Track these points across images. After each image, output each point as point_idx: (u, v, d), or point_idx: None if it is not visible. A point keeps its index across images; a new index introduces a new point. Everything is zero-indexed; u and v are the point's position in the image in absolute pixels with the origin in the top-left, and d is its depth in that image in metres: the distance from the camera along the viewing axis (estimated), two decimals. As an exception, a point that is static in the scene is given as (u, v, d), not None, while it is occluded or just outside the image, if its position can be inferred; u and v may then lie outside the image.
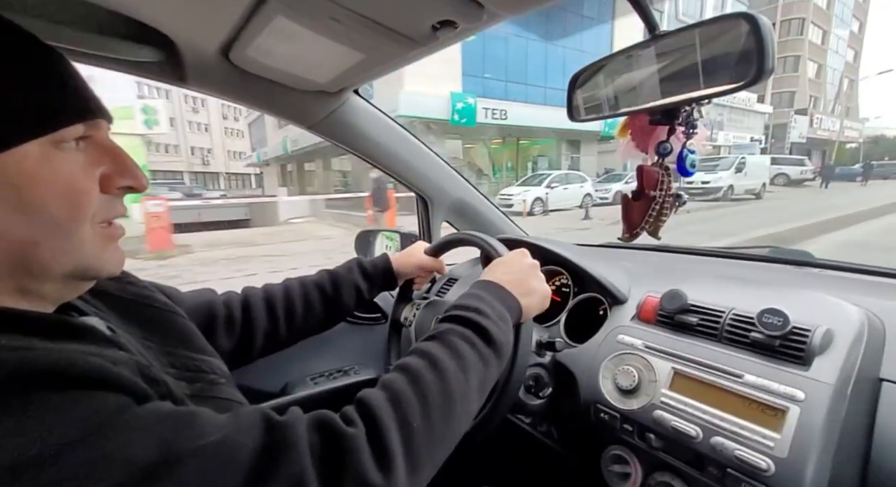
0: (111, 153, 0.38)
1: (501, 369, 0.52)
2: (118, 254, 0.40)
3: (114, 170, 0.37)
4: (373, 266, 0.80)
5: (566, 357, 0.76)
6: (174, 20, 0.58)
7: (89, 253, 0.36)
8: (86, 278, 0.38)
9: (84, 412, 0.26)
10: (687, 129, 0.48)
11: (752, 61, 0.37)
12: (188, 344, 0.48)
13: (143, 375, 0.34)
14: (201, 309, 0.62)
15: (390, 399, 0.40)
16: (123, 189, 0.38)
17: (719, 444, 0.54)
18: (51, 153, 0.33)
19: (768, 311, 0.58)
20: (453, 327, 0.49)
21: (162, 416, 0.30)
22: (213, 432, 0.31)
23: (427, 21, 0.51)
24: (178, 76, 0.70)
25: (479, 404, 0.47)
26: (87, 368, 0.28)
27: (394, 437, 0.37)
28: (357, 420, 0.37)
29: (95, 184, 0.36)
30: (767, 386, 0.54)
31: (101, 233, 0.37)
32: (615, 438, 0.68)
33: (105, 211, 0.37)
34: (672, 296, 0.70)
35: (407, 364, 0.44)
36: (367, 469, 0.34)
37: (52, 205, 0.33)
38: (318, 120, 0.85)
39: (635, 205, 0.53)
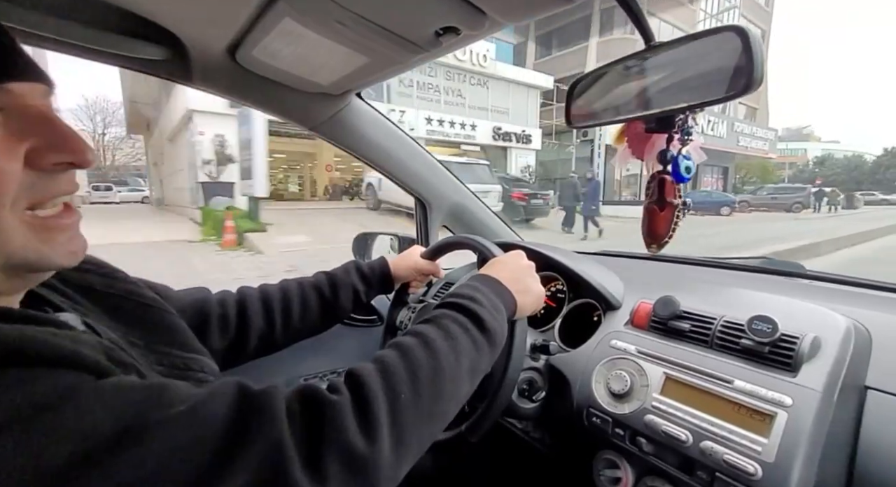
0: (42, 124, 0.32)
1: (494, 358, 0.52)
2: (70, 243, 0.35)
3: (44, 144, 0.32)
4: (370, 269, 0.80)
5: (560, 361, 0.77)
6: (183, 20, 0.59)
7: (19, 246, 0.31)
8: (32, 270, 0.34)
9: (41, 387, 0.26)
10: (682, 136, 0.49)
11: (742, 72, 0.39)
12: (176, 342, 0.46)
13: (110, 358, 0.32)
14: (193, 308, 0.61)
15: (380, 370, 0.39)
16: (60, 165, 0.33)
17: (709, 448, 0.55)
18: None
19: (758, 318, 0.59)
20: (447, 312, 0.49)
21: (124, 388, 0.29)
22: (183, 401, 0.30)
23: (431, 27, 0.53)
24: (185, 75, 0.71)
25: (469, 389, 0.47)
26: (45, 346, 0.27)
27: (381, 407, 0.36)
28: (343, 388, 0.37)
29: (17, 162, 0.30)
30: (756, 392, 0.55)
31: (31, 221, 0.32)
32: (607, 442, 0.68)
33: (35, 192, 0.32)
34: (665, 303, 0.71)
35: (399, 341, 0.44)
36: (351, 435, 0.33)
37: None
38: (321, 121, 0.86)
39: (661, 215, 0.54)
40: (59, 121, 0.33)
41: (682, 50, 0.44)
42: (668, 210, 0.53)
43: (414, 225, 1.20)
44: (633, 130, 0.56)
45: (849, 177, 38.83)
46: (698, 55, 0.43)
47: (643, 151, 0.55)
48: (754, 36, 0.38)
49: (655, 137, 0.53)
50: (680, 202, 0.52)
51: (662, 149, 0.51)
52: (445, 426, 0.44)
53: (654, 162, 0.54)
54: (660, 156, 0.52)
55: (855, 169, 39.91)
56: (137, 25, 0.60)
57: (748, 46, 0.37)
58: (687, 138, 0.49)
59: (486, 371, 0.51)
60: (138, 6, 0.57)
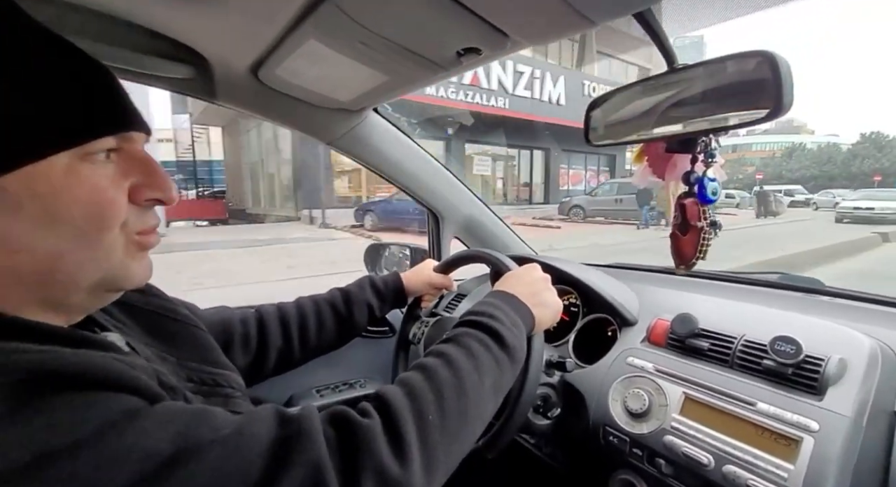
0: (142, 165, 0.37)
1: (515, 375, 0.52)
2: (145, 265, 0.39)
3: (143, 182, 0.37)
4: (384, 283, 0.81)
5: (575, 377, 0.76)
6: (210, 40, 0.61)
7: (116, 265, 0.36)
8: (112, 290, 0.38)
9: (102, 410, 0.27)
10: (706, 158, 0.49)
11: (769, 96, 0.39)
12: (207, 358, 0.48)
13: (160, 382, 0.35)
14: (219, 327, 0.62)
15: (406, 393, 0.40)
16: (152, 201, 0.38)
17: (731, 473, 0.54)
18: (78, 165, 0.33)
19: (781, 339, 0.58)
20: (468, 330, 0.50)
21: (177, 412, 0.31)
22: (228, 426, 0.32)
23: (453, 48, 0.54)
24: (209, 92, 0.73)
25: (493, 407, 0.47)
26: (106, 371, 0.29)
27: (410, 429, 0.37)
28: (373, 412, 0.38)
29: (124, 195, 0.36)
30: (781, 415, 0.54)
31: (129, 244, 0.37)
32: (624, 462, 0.67)
33: (136, 223, 0.37)
34: (683, 320, 0.70)
35: (423, 363, 0.45)
36: (384, 458, 0.34)
37: (78, 216, 0.33)
38: (338, 136, 0.87)
39: (685, 239, 0.54)
40: (155, 163, 0.39)
41: (707, 73, 0.44)
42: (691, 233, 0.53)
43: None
44: (654, 150, 0.56)
45: (820, 172, 33.38)
46: (723, 78, 0.43)
47: (664, 171, 0.55)
48: (783, 61, 0.38)
49: (677, 157, 0.53)
50: (706, 223, 0.52)
51: (687, 172, 0.51)
52: (473, 443, 0.44)
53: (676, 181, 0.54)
54: (685, 179, 0.52)
55: (828, 161, 34.31)
56: (166, 46, 0.62)
57: (776, 70, 0.38)
58: (711, 161, 0.49)
59: (509, 387, 0.51)
60: (168, 28, 0.59)
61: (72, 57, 0.34)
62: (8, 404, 0.25)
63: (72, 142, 0.32)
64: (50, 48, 0.33)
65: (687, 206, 0.53)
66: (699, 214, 0.52)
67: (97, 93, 0.35)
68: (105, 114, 0.35)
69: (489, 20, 0.48)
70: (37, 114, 0.31)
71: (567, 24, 0.45)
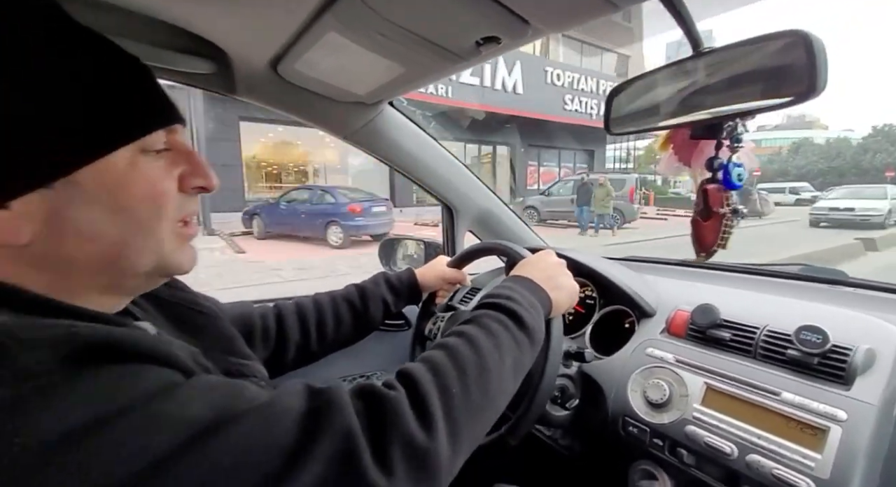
0: (187, 155, 0.40)
1: (535, 356, 0.52)
2: (191, 252, 0.42)
3: (189, 171, 0.40)
4: (399, 279, 0.82)
5: (593, 368, 0.76)
6: (231, 35, 0.61)
7: (168, 251, 0.38)
8: (163, 274, 0.41)
9: (147, 381, 0.29)
10: (732, 143, 0.49)
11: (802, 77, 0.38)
12: (231, 349, 0.50)
13: (197, 362, 0.37)
14: (239, 320, 0.63)
15: (430, 368, 0.41)
16: (197, 189, 0.41)
17: (755, 462, 0.53)
18: (138, 158, 0.35)
19: (806, 329, 0.57)
20: (487, 311, 0.50)
21: (213, 384, 0.33)
22: (262, 398, 0.33)
23: (472, 37, 0.54)
24: (228, 87, 0.74)
25: (514, 386, 0.48)
26: (149, 345, 0.31)
27: (434, 401, 0.38)
28: (398, 385, 0.39)
29: (174, 184, 0.38)
30: (807, 405, 0.53)
31: (178, 232, 0.39)
32: (644, 452, 0.67)
33: (181, 209, 0.39)
34: (704, 311, 0.70)
35: (444, 342, 0.46)
36: (412, 427, 0.35)
37: (140, 206, 0.35)
38: (354, 130, 0.88)
39: (706, 225, 0.53)
40: (197, 154, 0.41)
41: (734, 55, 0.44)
42: (713, 220, 0.52)
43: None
44: (680, 137, 0.55)
45: (828, 167, 30.86)
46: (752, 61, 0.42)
47: (690, 158, 0.54)
48: (817, 40, 0.37)
49: (703, 144, 0.52)
50: (728, 210, 0.51)
51: (711, 157, 0.50)
52: (495, 419, 0.45)
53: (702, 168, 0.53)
54: (707, 164, 0.51)
55: (837, 156, 31.73)
56: (187, 41, 0.63)
57: (811, 51, 0.37)
58: (737, 145, 0.48)
59: (528, 367, 0.51)
60: (189, 23, 0.59)
61: (122, 57, 0.36)
62: (66, 371, 0.27)
63: (135, 136, 0.35)
64: (106, 50, 0.35)
65: (710, 192, 0.52)
66: (722, 201, 0.51)
67: (148, 90, 0.37)
68: (157, 109, 0.38)
69: (509, 7, 0.47)
70: (105, 112, 0.33)
71: (589, 8, 0.45)
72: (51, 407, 0.25)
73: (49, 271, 0.33)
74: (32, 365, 0.26)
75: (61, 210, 0.32)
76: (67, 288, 0.34)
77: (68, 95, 0.32)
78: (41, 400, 0.25)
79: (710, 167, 0.50)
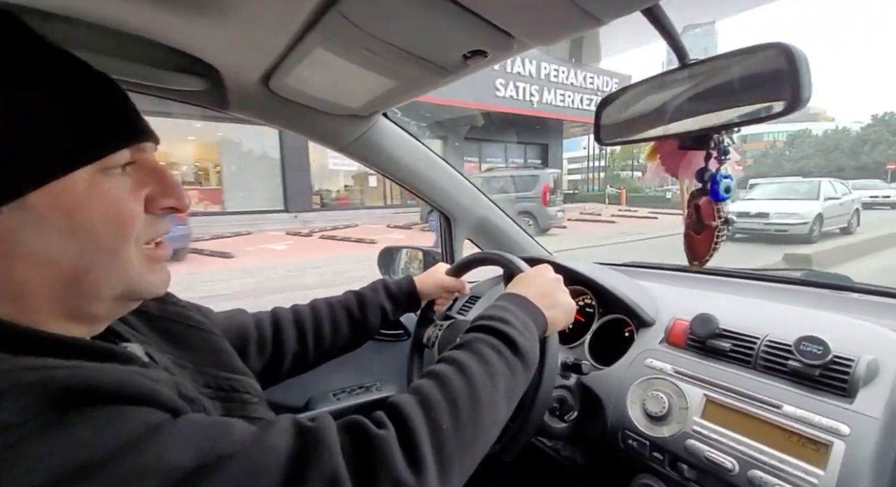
0: (156, 174, 0.38)
1: (529, 380, 0.51)
2: (163, 275, 0.40)
3: (158, 192, 0.38)
4: (397, 287, 0.81)
5: (592, 379, 0.75)
6: (222, 52, 0.62)
7: (136, 274, 0.36)
8: (133, 299, 0.39)
9: (129, 424, 0.28)
10: (719, 155, 0.48)
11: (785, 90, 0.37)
12: (223, 364, 0.49)
13: (181, 394, 0.35)
14: (234, 330, 0.63)
15: (420, 402, 0.40)
16: (167, 209, 0.39)
17: (758, 478, 0.52)
18: (99, 179, 0.33)
19: (806, 339, 0.56)
20: (479, 336, 0.49)
21: (199, 426, 0.31)
22: (248, 438, 0.32)
23: (458, 51, 0.54)
24: (221, 103, 0.74)
25: (507, 413, 0.47)
26: (131, 386, 0.30)
27: (424, 439, 0.37)
28: (387, 422, 0.38)
29: (140, 205, 0.36)
30: (808, 419, 0.52)
31: (146, 254, 0.38)
32: (644, 466, 0.66)
33: (150, 231, 0.38)
34: (703, 320, 0.69)
35: (435, 370, 0.45)
36: (399, 469, 0.34)
37: (101, 229, 0.33)
38: (349, 142, 0.88)
39: (699, 238, 0.54)
40: (168, 173, 0.39)
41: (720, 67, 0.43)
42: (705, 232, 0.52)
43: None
44: (667, 147, 0.54)
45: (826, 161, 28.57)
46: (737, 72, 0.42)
47: (677, 168, 0.54)
48: (799, 53, 0.36)
49: (691, 154, 0.52)
50: (720, 222, 0.51)
51: (701, 168, 0.50)
52: (487, 450, 0.44)
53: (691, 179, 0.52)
54: (698, 176, 0.50)
55: (834, 149, 29.29)
56: (179, 60, 0.63)
57: (793, 63, 0.36)
58: (724, 157, 0.48)
59: (522, 392, 0.51)
60: (180, 42, 0.60)
61: (84, 73, 0.35)
62: (45, 417, 0.26)
63: (94, 157, 0.33)
64: (64, 66, 0.34)
65: (702, 206, 0.52)
66: (713, 213, 0.51)
67: (111, 106, 0.36)
68: (121, 126, 0.36)
69: (494, 22, 0.47)
70: (59, 132, 0.32)
71: (573, 23, 0.44)
72: (32, 458, 0.24)
73: (6, 298, 0.32)
74: (9, 416, 0.25)
75: (10, 234, 0.30)
76: (31, 315, 0.32)
77: (14, 113, 0.30)
78: (18, 452, 0.24)
79: (700, 178, 0.50)
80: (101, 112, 0.35)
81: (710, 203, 0.50)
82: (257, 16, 0.51)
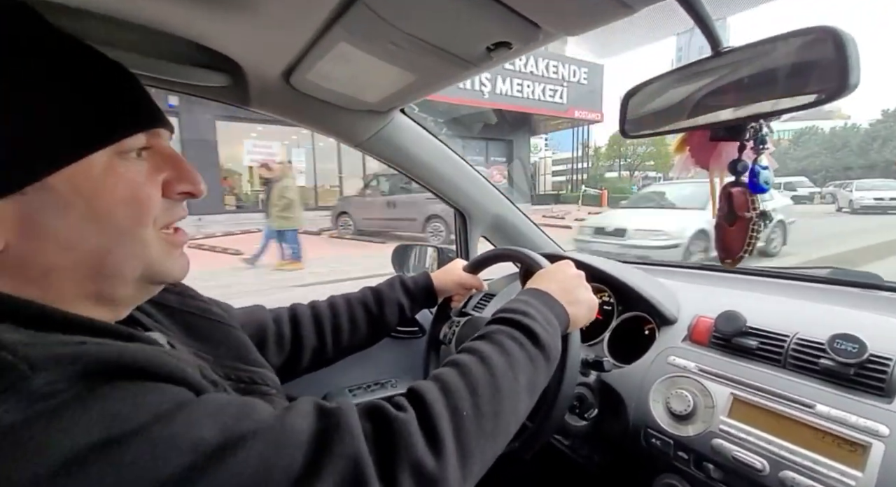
0: (171, 160, 0.39)
1: (550, 374, 0.51)
2: (182, 260, 0.41)
3: (174, 177, 0.38)
4: (414, 283, 0.81)
5: (612, 377, 0.74)
6: (246, 48, 0.62)
7: (155, 257, 0.37)
8: (154, 282, 0.39)
9: (159, 399, 0.29)
10: (757, 145, 0.47)
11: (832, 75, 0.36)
12: (242, 357, 0.49)
13: (204, 376, 0.36)
14: (253, 325, 0.63)
15: (441, 388, 0.40)
16: (183, 194, 0.40)
17: (790, 479, 0.50)
18: (116, 162, 0.34)
19: (841, 337, 0.54)
20: (501, 327, 0.49)
21: (222, 404, 0.32)
22: (270, 418, 0.32)
23: (483, 43, 0.53)
24: (243, 99, 0.75)
25: (528, 405, 0.46)
26: (160, 363, 0.31)
27: (445, 424, 0.37)
28: (408, 406, 0.38)
29: (158, 190, 0.37)
30: (844, 419, 0.50)
31: (165, 238, 0.38)
32: (668, 466, 0.65)
33: (167, 215, 0.39)
34: (729, 318, 0.67)
35: (456, 359, 0.44)
36: (420, 451, 0.34)
37: (120, 212, 0.34)
38: (366, 138, 0.88)
39: (731, 230, 0.51)
40: (183, 159, 0.40)
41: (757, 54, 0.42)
42: (739, 224, 0.50)
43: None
44: (697, 139, 0.53)
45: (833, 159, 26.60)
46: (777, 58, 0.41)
47: (708, 160, 0.52)
48: (847, 36, 0.35)
49: (722, 146, 0.50)
50: (755, 214, 0.49)
51: (734, 160, 0.48)
52: (507, 442, 0.43)
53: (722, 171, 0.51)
54: (731, 167, 0.49)
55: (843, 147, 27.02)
56: (203, 56, 0.64)
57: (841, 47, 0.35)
58: (762, 147, 0.46)
59: (544, 386, 0.50)
60: (205, 38, 0.60)
61: (98, 61, 0.36)
62: (76, 390, 0.26)
63: (109, 139, 0.34)
64: (79, 54, 0.35)
65: (734, 195, 0.50)
66: (748, 204, 0.49)
67: (126, 92, 0.37)
68: (136, 111, 0.37)
69: (520, 12, 0.47)
70: (75, 115, 0.33)
71: (603, 11, 0.44)
72: (63, 429, 0.25)
73: (33, 282, 0.32)
74: (43, 386, 0.25)
75: (34, 216, 0.31)
76: (59, 299, 0.33)
77: (36, 99, 0.31)
78: (53, 422, 0.25)
79: (733, 170, 0.48)
80: (117, 96, 0.36)
81: (744, 192, 0.49)
82: (283, 10, 0.51)
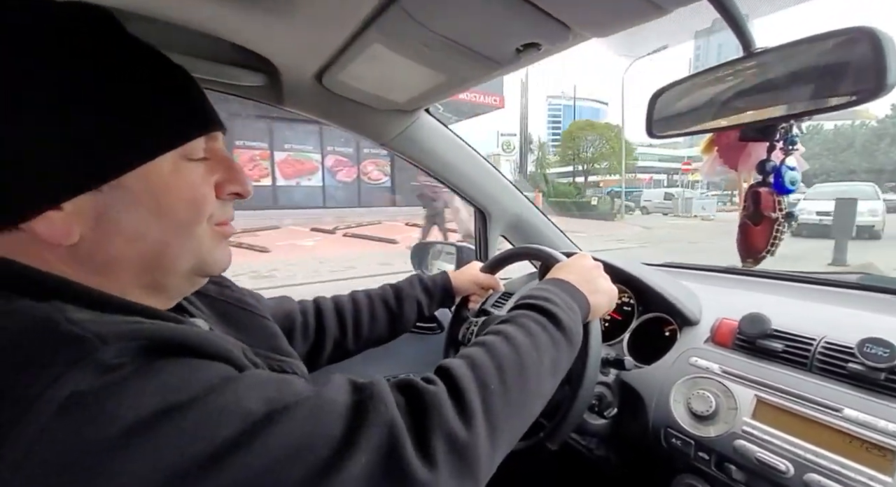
0: (224, 163, 0.41)
1: (572, 357, 0.52)
2: (227, 251, 0.44)
3: (226, 178, 0.41)
4: (433, 282, 0.83)
5: (632, 377, 0.74)
6: (282, 49, 0.65)
7: (206, 251, 0.40)
8: (202, 274, 0.42)
9: (209, 374, 0.31)
10: (786, 145, 0.47)
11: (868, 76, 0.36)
12: (274, 346, 0.52)
13: (246, 356, 0.39)
14: (282, 315, 0.66)
15: (469, 365, 0.42)
16: (233, 195, 0.42)
17: (815, 482, 0.50)
18: (181, 164, 0.37)
19: (871, 341, 0.54)
20: (524, 312, 0.51)
21: (265, 379, 0.34)
22: (309, 390, 0.34)
23: (513, 44, 0.54)
24: (276, 98, 0.78)
25: (552, 385, 0.47)
26: (210, 342, 0.33)
27: (474, 397, 0.38)
28: (437, 380, 0.40)
29: (212, 190, 0.40)
30: (873, 424, 0.50)
31: (215, 234, 0.41)
32: (688, 466, 0.65)
33: (219, 214, 0.41)
34: (753, 320, 0.67)
35: (483, 340, 0.46)
36: (451, 421, 0.36)
37: (181, 209, 0.37)
38: (392, 137, 0.90)
39: (756, 229, 0.51)
40: (234, 161, 0.43)
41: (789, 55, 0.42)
42: (764, 224, 0.50)
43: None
44: (725, 139, 0.53)
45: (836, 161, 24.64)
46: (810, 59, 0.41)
47: (737, 161, 0.52)
48: (885, 37, 0.35)
49: (751, 146, 0.50)
50: (781, 215, 0.49)
51: (762, 160, 0.48)
52: (532, 420, 0.45)
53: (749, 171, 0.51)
54: (759, 167, 0.49)
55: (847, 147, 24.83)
56: (239, 56, 0.67)
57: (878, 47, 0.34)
58: (791, 148, 0.46)
59: (567, 368, 0.51)
60: (243, 39, 0.63)
61: (169, 66, 0.38)
62: (136, 363, 0.29)
63: (178, 144, 0.37)
64: (154, 59, 0.37)
65: (762, 195, 0.50)
66: (774, 204, 0.49)
67: (191, 97, 0.39)
68: (202, 115, 0.39)
69: (551, 13, 0.48)
70: (153, 118, 0.35)
71: (634, 12, 0.44)
72: (128, 396, 0.27)
73: (97, 271, 0.35)
74: (111, 358, 0.28)
75: (109, 211, 0.34)
76: (117, 287, 0.36)
77: (120, 104, 0.34)
78: (120, 389, 0.27)
79: (761, 170, 0.48)
80: (186, 101, 0.38)
81: (772, 193, 0.49)
82: (321, 12, 0.53)
